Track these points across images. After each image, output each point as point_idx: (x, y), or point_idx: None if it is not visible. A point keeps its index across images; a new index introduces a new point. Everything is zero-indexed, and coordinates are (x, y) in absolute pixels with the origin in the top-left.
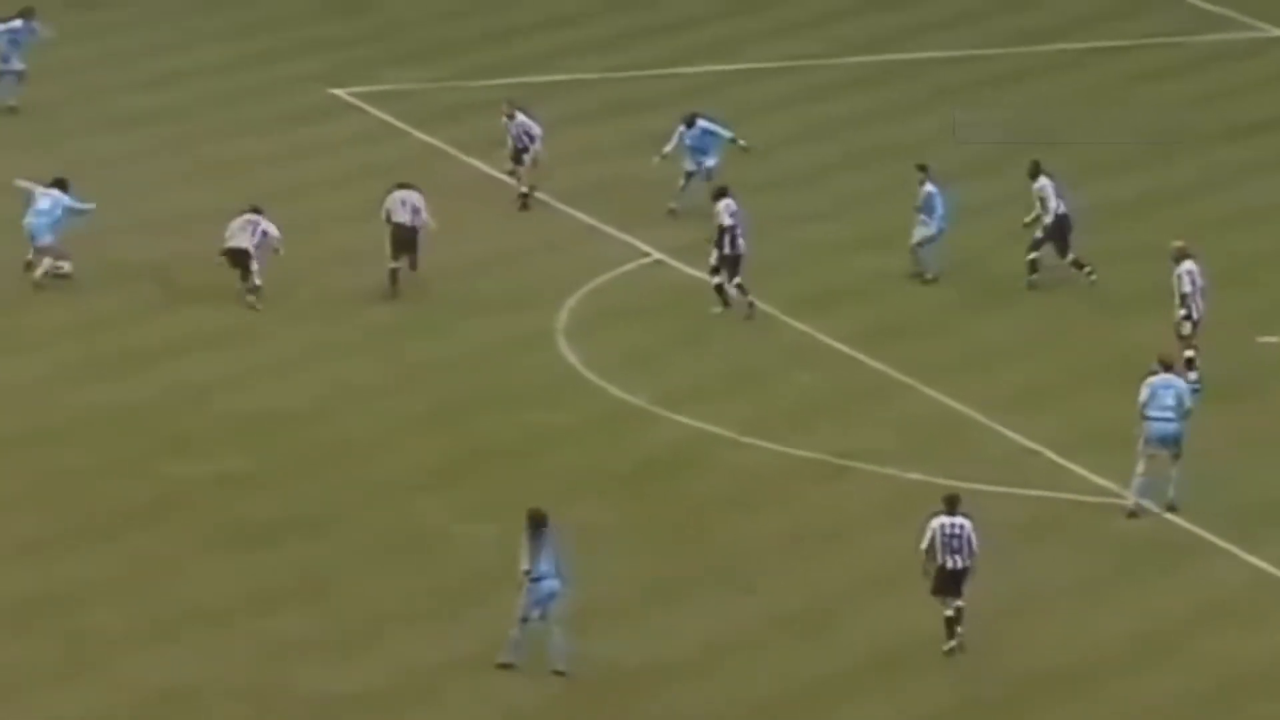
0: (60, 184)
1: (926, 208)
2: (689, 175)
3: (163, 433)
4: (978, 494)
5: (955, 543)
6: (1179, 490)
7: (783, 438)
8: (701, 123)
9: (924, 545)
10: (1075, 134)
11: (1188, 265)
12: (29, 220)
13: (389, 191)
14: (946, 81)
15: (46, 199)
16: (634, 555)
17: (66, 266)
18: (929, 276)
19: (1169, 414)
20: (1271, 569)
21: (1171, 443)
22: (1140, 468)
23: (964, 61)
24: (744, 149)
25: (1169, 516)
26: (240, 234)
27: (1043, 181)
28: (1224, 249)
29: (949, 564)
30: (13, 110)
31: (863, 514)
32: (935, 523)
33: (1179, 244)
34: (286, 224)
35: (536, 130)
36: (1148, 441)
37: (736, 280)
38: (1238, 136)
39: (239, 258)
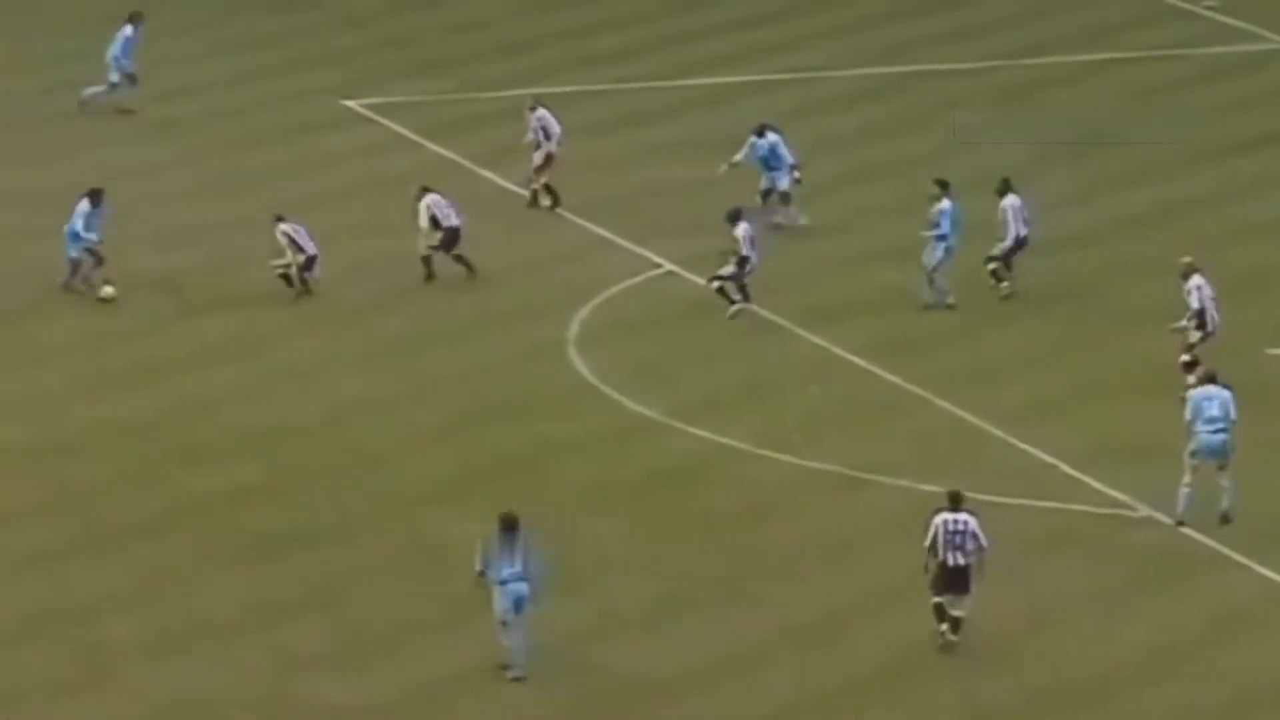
0: (93, 195)
1: (937, 226)
2: (765, 193)
3: (175, 444)
4: (992, 506)
5: (958, 539)
6: (1231, 501)
7: (795, 450)
8: (771, 135)
9: (927, 542)
10: (1086, 146)
11: (1196, 280)
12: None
13: (419, 197)
14: (958, 94)
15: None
16: (645, 566)
17: (108, 290)
18: (930, 302)
19: (1217, 425)
20: None
21: (1219, 453)
22: (1187, 478)
23: (976, 74)
24: (796, 180)
25: (1185, 530)
26: (306, 240)
27: (1009, 201)
28: (1234, 261)
29: (950, 560)
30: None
31: (876, 526)
32: (938, 519)
33: (1187, 259)
34: None
35: (556, 129)
36: (1194, 454)
37: (742, 283)
38: (1249, 149)
39: (313, 263)
